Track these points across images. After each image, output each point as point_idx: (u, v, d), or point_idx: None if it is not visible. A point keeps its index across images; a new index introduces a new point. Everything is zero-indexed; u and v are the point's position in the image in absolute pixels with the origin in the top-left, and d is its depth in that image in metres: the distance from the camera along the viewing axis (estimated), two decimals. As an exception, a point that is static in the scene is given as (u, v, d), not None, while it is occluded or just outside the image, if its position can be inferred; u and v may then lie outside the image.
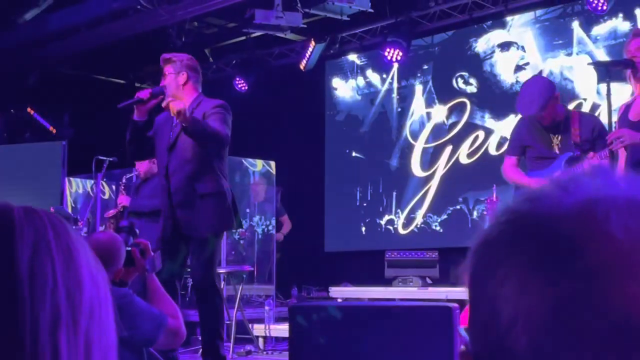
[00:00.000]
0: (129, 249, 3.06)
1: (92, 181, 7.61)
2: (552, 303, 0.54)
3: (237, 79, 9.75)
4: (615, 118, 3.83)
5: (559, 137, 4.43)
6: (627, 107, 3.80)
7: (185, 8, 8.31)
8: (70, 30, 8.94)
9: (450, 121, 9.03)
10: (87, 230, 7.13)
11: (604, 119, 4.70)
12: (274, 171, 8.66)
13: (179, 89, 4.59)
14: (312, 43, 8.98)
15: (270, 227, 8.68)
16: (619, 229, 0.54)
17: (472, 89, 8.91)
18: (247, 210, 8.69)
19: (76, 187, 9.34)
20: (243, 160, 8.67)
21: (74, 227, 6.21)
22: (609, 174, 0.59)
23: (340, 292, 8.06)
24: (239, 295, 6.58)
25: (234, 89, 9.75)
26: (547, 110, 4.30)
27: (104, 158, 6.75)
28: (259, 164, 8.91)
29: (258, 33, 8.32)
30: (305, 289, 8.49)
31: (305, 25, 7.78)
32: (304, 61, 9.10)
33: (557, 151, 4.43)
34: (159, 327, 2.84)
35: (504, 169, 4.73)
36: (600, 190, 0.57)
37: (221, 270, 6.13)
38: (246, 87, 9.75)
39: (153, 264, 3.14)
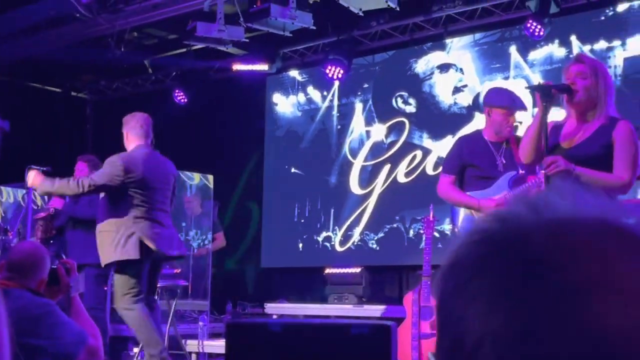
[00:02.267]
0: (55, 267, 3.06)
1: (24, 191, 7.42)
2: (520, 324, 0.54)
3: (177, 91, 9.65)
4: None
5: (504, 156, 4.48)
6: (556, 127, 3.85)
7: (125, 18, 8.20)
8: (6, 37, 8.73)
9: (389, 140, 9.10)
10: (17, 241, 6.94)
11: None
12: (211, 185, 8.59)
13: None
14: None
15: (206, 242, 8.59)
16: (588, 250, 0.54)
17: (411, 108, 9.01)
18: (183, 224, 8.59)
19: (7, 196, 9.09)
20: (180, 174, 8.57)
21: (2, 237, 6.04)
22: (578, 194, 0.59)
23: (276, 309, 8.02)
24: (172, 311, 6.48)
25: (173, 101, 9.66)
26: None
27: (37, 167, 6.58)
28: (196, 178, 8.82)
29: (199, 46, 8.25)
30: (241, 305, 8.42)
31: (247, 40, 7.75)
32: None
33: (501, 170, 4.48)
34: (80, 343, 2.85)
35: (442, 188, 4.72)
36: (570, 211, 0.57)
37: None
38: (186, 100, 9.66)
39: (77, 284, 3.16)
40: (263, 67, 9.15)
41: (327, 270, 8.22)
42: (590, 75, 3.68)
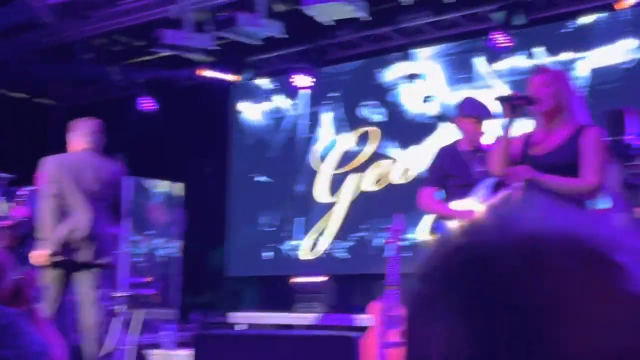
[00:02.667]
0: (17, 277, 3.03)
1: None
2: (484, 346, 0.53)
3: (144, 98, 9.59)
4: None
5: (478, 164, 4.52)
6: (527, 138, 3.90)
7: (93, 24, 8.14)
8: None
9: (357, 149, 9.13)
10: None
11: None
12: (180, 193, 8.54)
13: None
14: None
15: (174, 250, 8.53)
16: (554, 271, 0.54)
17: (378, 118, 9.04)
18: (151, 233, 8.52)
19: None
20: (147, 182, 8.51)
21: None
22: (547, 208, 0.59)
23: (241, 318, 7.98)
24: (139, 320, 6.41)
25: (140, 108, 9.59)
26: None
27: (3, 175, 6.50)
28: (164, 186, 8.76)
29: (166, 53, 8.21)
30: (206, 314, 8.36)
31: (215, 48, 7.73)
32: None
33: (477, 177, 4.51)
34: (44, 354, 2.82)
35: (422, 199, 4.73)
36: (538, 226, 0.56)
37: (122, 294, 5.97)
38: (153, 107, 9.60)
39: (39, 295, 3.15)
40: (233, 77, 9.13)
41: (293, 279, 8.22)
42: (552, 83, 3.74)
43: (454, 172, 4.61)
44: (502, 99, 3.90)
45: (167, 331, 6.60)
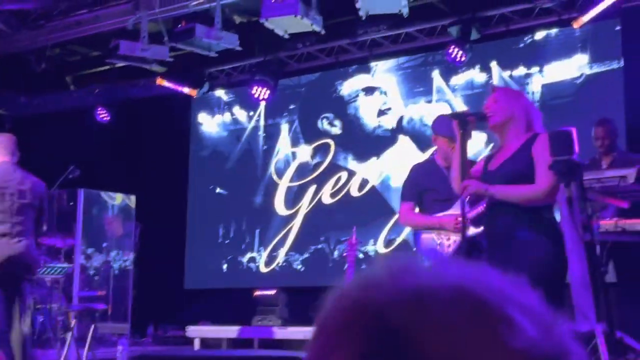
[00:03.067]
0: None
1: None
2: None
3: (99, 109, 9.50)
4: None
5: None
6: (489, 156, 3.95)
7: (47, 34, 8.05)
8: None
9: (315, 161, 9.14)
10: None
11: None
12: (133, 205, 8.45)
13: None
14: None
15: (127, 263, 8.44)
16: (440, 325, 0.55)
17: (336, 130, 9.07)
18: (104, 245, 8.43)
19: None
20: (102, 194, 8.43)
21: None
22: (441, 262, 0.62)
23: (199, 331, 7.92)
24: (90, 334, 6.33)
25: (95, 119, 9.50)
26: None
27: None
28: (118, 198, 8.68)
29: (122, 64, 8.14)
30: (162, 327, 8.28)
31: (171, 59, 7.69)
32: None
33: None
34: None
35: (403, 215, 4.73)
36: (429, 280, 0.58)
37: (73, 308, 5.89)
38: (108, 118, 9.51)
39: None
40: (189, 90, 9.10)
41: (256, 292, 8.18)
42: (502, 99, 3.80)
43: (431, 186, 4.64)
44: (454, 116, 3.94)
45: (120, 346, 6.51)
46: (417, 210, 4.69)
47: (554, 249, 3.61)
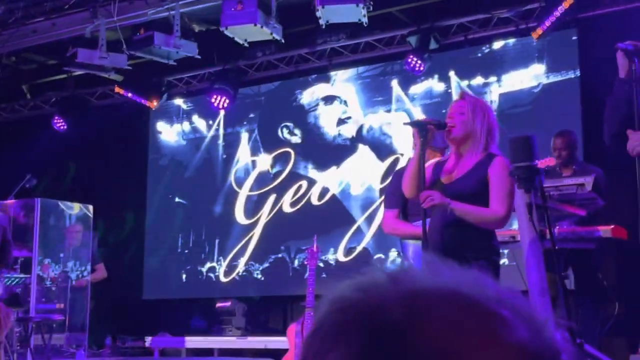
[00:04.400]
0: None
1: None
2: None
3: (56, 117, 9.36)
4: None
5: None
6: (439, 164, 3.96)
7: (3, 42, 7.91)
8: None
9: (275, 170, 9.12)
10: None
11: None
12: (91, 215, 8.34)
13: None
14: None
15: (85, 273, 8.31)
16: (439, 321, 0.57)
17: (296, 139, 9.06)
18: (61, 255, 8.29)
19: None
20: (59, 203, 8.29)
21: None
22: (437, 266, 0.62)
23: (157, 342, 7.83)
24: (47, 345, 6.22)
25: (52, 128, 9.36)
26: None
27: None
28: (76, 207, 8.54)
29: (80, 72, 8.05)
30: (120, 338, 8.17)
31: (130, 67, 7.62)
32: None
33: None
34: None
35: (387, 223, 4.67)
36: (426, 282, 0.60)
37: (30, 320, 5.78)
38: (65, 127, 9.38)
39: None
40: (148, 101, 9.02)
41: (218, 303, 8.13)
42: (468, 112, 3.80)
43: None
44: (411, 124, 3.96)
45: (77, 357, 6.42)
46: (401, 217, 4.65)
47: (493, 276, 3.65)
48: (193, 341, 7.71)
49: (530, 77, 7.76)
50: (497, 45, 7.99)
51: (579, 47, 7.44)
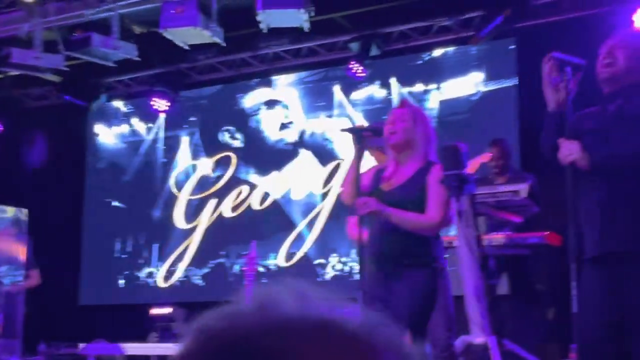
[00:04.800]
0: None
1: None
2: None
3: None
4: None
5: None
6: (379, 171, 3.97)
7: None
8: None
9: (216, 174, 9.04)
10: None
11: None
12: (26, 219, 8.14)
13: None
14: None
15: (19, 279, 8.11)
16: (305, 349, 0.55)
17: (238, 143, 9.01)
18: (-6, 260, 8.08)
19: None
20: (-8, 206, 8.08)
21: None
22: (306, 293, 0.61)
23: (93, 349, 7.68)
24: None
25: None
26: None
27: None
28: (10, 211, 8.33)
29: (16, 72, 7.85)
30: (55, 345, 7.99)
31: (67, 69, 7.47)
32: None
33: None
34: None
35: (349, 230, 4.64)
36: (293, 310, 0.58)
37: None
38: (1, 128, 9.15)
39: None
40: (84, 102, 8.85)
41: (152, 311, 8.00)
42: (409, 119, 3.82)
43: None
44: (349, 130, 3.96)
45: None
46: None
47: (432, 282, 3.68)
48: (129, 348, 7.58)
49: (469, 85, 7.85)
50: (438, 53, 8.07)
51: (517, 56, 7.56)
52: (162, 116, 9.22)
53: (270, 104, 8.90)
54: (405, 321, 3.48)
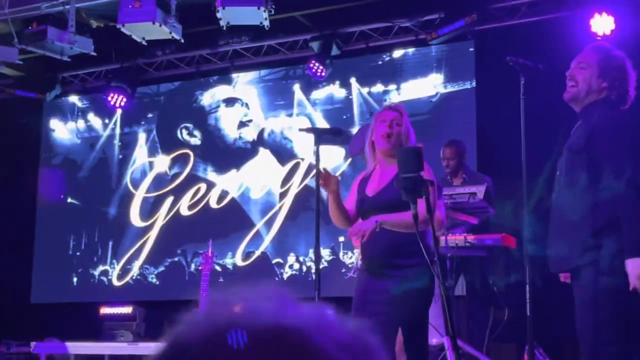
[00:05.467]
0: None
1: None
2: None
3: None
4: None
5: None
6: (364, 179, 3.96)
7: None
8: None
9: (173, 172, 8.95)
10: None
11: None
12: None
13: None
14: None
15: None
16: (254, 350, 0.55)
17: (196, 141, 8.93)
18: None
19: None
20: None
21: None
22: (250, 300, 0.60)
23: (45, 348, 7.55)
24: None
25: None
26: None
27: None
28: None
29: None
30: (5, 343, 7.83)
31: (21, 62, 7.32)
32: None
33: None
34: None
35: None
36: (231, 317, 0.58)
37: None
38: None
39: None
40: (40, 96, 8.68)
41: (102, 309, 7.89)
42: (405, 125, 3.85)
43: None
44: (307, 131, 3.95)
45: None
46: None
47: (430, 279, 3.68)
48: (80, 347, 7.46)
49: (428, 86, 7.89)
50: (397, 53, 8.09)
51: (476, 58, 7.61)
52: (119, 112, 9.09)
53: (230, 101, 8.84)
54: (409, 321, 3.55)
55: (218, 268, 8.23)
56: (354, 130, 7.93)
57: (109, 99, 8.58)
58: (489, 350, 5.50)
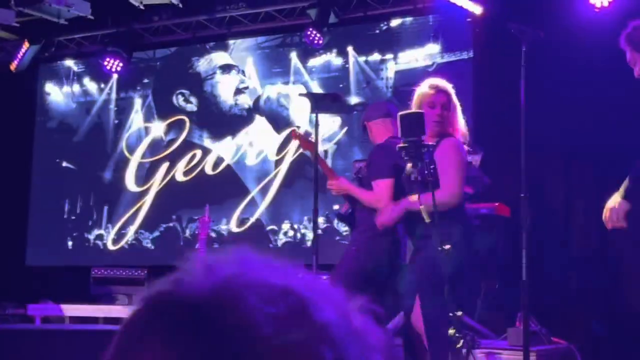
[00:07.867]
0: None
1: None
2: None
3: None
4: (324, 147, 4.00)
5: None
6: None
7: None
8: None
9: (169, 138, 8.96)
10: None
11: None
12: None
13: None
14: (26, 44, 8.42)
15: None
16: (248, 310, 0.58)
17: (192, 107, 8.92)
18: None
19: None
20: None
21: None
22: (251, 258, 0.63)
23: (40, 310, 7.61)
24: None
25: None
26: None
27: None
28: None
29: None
30: (1, 305, 7.89)
31: (18, 25, 7.29)
32: (15, 62, 8.49)
33: None
34: None
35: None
36: (239, 272, 0.61)
37: None
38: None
39: None
40: (32, 47, 8.57)
41: (98, 270, 7.94)
42: (453, 109, 3.94)
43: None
44: (306, 96, 3.97)
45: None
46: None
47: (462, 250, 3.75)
48: (77, 309, 7.52)
49: (425, 56, 7.88)
50: (395, 23, 8.07)
51: (473, 29, 7.60)
52: (115, 77, 9.07)
53: (226, 68, 8.82)
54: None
55: (213, 234, 8.28)
56: (351, 99, 7.94)
57: (105, 63, 8.54)
58: (480, 317, 5.58)
